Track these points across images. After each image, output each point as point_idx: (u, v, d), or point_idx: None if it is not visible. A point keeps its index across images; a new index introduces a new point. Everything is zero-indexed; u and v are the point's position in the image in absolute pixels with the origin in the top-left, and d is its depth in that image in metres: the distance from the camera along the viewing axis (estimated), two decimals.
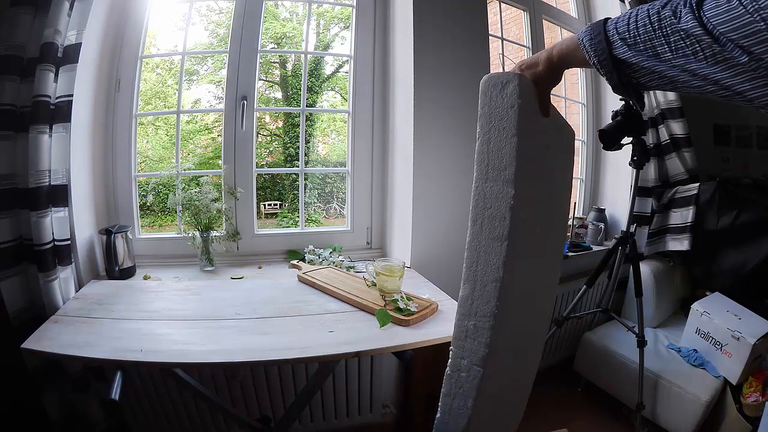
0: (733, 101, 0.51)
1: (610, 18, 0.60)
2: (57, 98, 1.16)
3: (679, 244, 2.00)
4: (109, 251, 1.35)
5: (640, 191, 1.96)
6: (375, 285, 1.26)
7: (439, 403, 0.76)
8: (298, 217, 1.96)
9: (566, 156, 0.99)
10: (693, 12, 0.49)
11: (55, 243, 1.17)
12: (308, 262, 1.57)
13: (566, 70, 0.75)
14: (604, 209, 2.21)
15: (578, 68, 2.29)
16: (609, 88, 2.20)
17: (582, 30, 0.63)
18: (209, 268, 1.51)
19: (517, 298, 0.76)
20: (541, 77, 0.69)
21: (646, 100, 2.10)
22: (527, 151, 0.67)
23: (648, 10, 0.55)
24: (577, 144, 2.38)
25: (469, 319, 0.70)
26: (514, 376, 0.94)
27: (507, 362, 0.83)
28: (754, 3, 0.44)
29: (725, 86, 0.50)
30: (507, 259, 0.66)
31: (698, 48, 0.50)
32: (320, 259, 1.60)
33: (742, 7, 0.45)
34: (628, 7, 2.04)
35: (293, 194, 5.51)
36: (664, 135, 2.07)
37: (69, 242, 1.23)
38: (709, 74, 0.50)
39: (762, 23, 0.43)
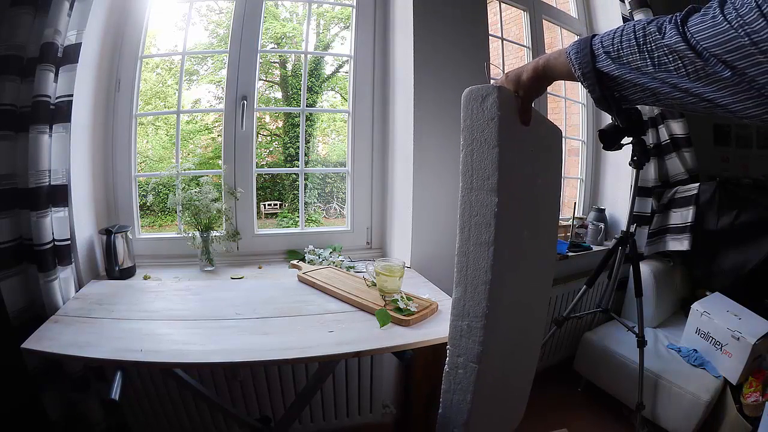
0: (716, 112, 0.52)
1: (598, 33, 0.62)
2: (57, 98, 1.16)
3: (679, 244, 2.00)
4: (109, 251, 1.35)
5: (640, 191, 1.96)
6: (375, 285, 1.26)
7: (440, 400, 0.79)
8: (298, 217, 1.96)
9: (552, 157, 1.00)
10: (678, 28, 0.50)
11: (55, 243, 1.17)
12: (308, 262, 1.57)
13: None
14: (604, 209, 2.21)
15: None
16: None
17: (571, 43, 0.65)
18: (209, 268, 1.51)
19: (508, 299, 0.79)
20: (525, 86, 0.70)
21: None
22: (509, 160, 0.70)
23: (634, 25, 0.56)
24: (577, 144, 2.38)
25: (462, 319, 0.74)
26: (510, 374, 0.95)
27: (502, 359, 0.86)
28: (739, 19, 0.44)
29: (706, 99, 0.51)
30: (494, 262, 0.70)
31: (680, 64, 0.51)
32: (320, 259, 1.60)
33: (726, 23, 0.45)
34: (628, 7, 2.04)
35: (293, 194, 5.52)
36: (664, 135, 2.07)
37: (69, 242, 1.22)
38: (690, 88, 0.51)
39: (746, 38, 0.44)
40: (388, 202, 1.75)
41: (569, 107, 2.35)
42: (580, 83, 0.63)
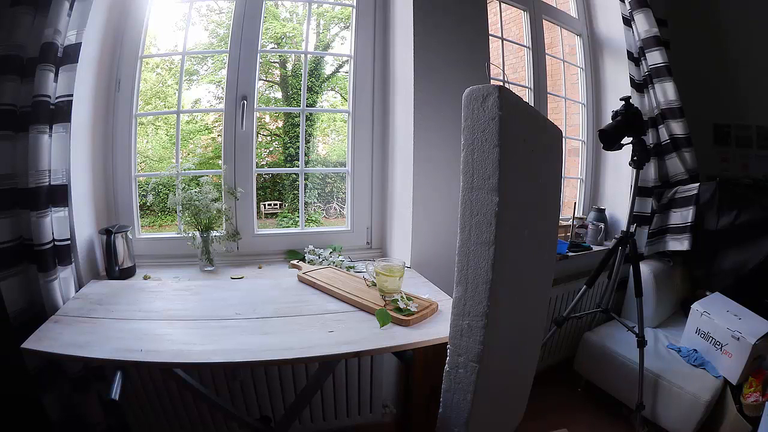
0: None
1: None
2: (57, 98, 1.16)
3: (679, 244, 2.00)
4: (109, 251, 1.35)
5: (640, 191, 1.96)
6: (375, 285, 1.26)
7: (441, 399, 0.79)
8: (298, 217, 1.96)
9: (552, 158, 1.01)
10: None
11: (55, 243, 1.17)
12: (308, 262, 1.57)
13: (566, 69, 0.76)
14: (604, 209, 2.21)
15: (578, 68, 2.29)
16: (609, 88, 2.21)
17: None
18: (209, 268, 1.51)
19: (509, 298, 0.79)
20: None
21: (646, 100, 2.10)
22: (510, 160, 0.70)
23: None
24: (577, 144, 2.38)
25: (463, 318, 0.75)
26: (511, 373, 0.95)
27: (502, 359, 0.86)
28: None
29: None
30: (495, 262, 0.70)
31: None
32: (320, 259, 1.60)
33: None
34: (629, 7, 2.04)
35: (293, 194, 5.51)
36: (664, 135, 2.07)
37: (69, 242, 1.22)
38: None
39: None
40: (388, 202, 1.75)
41: (569, 107, 2.35)
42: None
